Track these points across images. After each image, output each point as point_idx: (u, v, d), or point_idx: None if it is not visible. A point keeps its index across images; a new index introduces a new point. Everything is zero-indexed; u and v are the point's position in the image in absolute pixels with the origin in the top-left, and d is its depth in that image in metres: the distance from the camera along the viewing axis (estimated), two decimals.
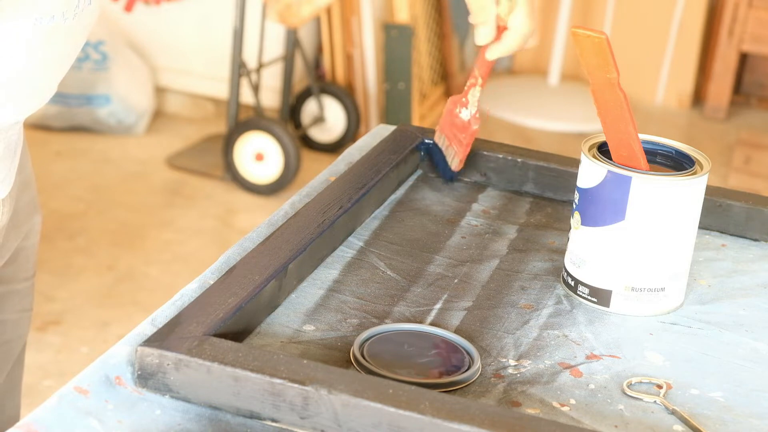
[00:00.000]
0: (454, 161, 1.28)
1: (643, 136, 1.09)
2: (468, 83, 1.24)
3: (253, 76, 3.44)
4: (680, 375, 0.98)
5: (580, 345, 1.01)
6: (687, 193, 1.05)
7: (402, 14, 3.72)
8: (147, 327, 0.95)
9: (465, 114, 1.25)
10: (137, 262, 2.97)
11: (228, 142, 3.39)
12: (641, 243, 1.05)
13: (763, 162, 3.78)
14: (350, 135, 3.66)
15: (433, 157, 1.31)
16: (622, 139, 1.05)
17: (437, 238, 1.18)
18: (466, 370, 0.94)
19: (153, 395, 0.88)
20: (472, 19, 1.19)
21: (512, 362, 0.97)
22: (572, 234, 1.09)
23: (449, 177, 1.30)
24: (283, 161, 3.35)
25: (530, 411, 0.91)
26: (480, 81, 1.23)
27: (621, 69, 1.04)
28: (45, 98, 1.09)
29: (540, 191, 1.29)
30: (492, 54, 1.20)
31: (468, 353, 0.97)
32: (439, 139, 1.29)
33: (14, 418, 1.32)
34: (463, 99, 1.25)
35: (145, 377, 0.88)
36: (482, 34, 1.18)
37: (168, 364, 0.87)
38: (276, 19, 3.34)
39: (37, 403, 0.88)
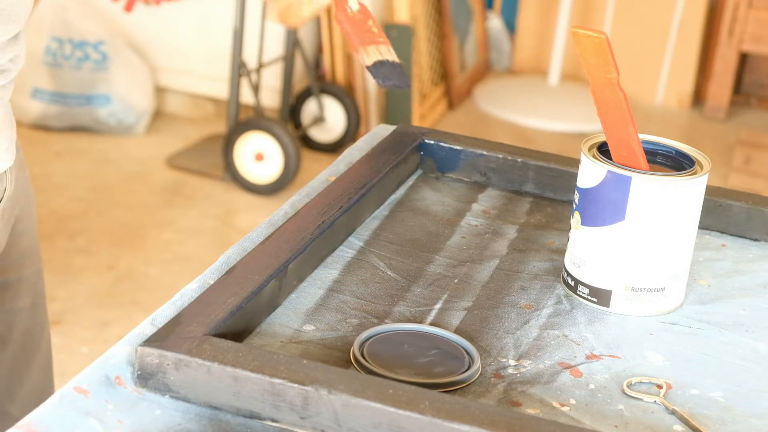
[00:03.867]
0: (392, 54, 1.21)
1: (643, 136, 1.08)
2: None
3: (253, 76, 3.44)
4: (680, 375, 0.98)
5: (580, 345, 1.01)
6: (687, 193, 1.05)
7: (402, 14, 3.72)
8: (147, 327, 0.95)
9: (354, 4, 1.21)
10: (137, 262, 2.97)
11: (228, 142, 3.40)
12: (641, 243, 1.05)
13: (763, 162, 3.78)
14: (350, 135, 3.66)
15: (384, 81, 1.21)
16: (622, 139, 1.05)
17: (437, 238, 1.18)
18: (466, 370, 0.94)
19: (153, 395, 0.88)
20: None
21: (512, 362, 0.97)
22: (572, 234, 1.09)
23: (407, 79, 1.22)
24: (283, 161, 3.35)
25: (530, 411, 0.91)
26: None
27: (621, 69, 1.04)
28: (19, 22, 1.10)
29: (540, 191, 1.29)
30: None
31: (468, 353, 0.97)
32: (369, 55, 1.21)
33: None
34: None
35: (145, 377, 0.88)
36: None
37: (168, 364, 0.87)
38: (276, 19, 3.34)
39: None
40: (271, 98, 3.71)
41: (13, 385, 1.30)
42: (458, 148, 1.30)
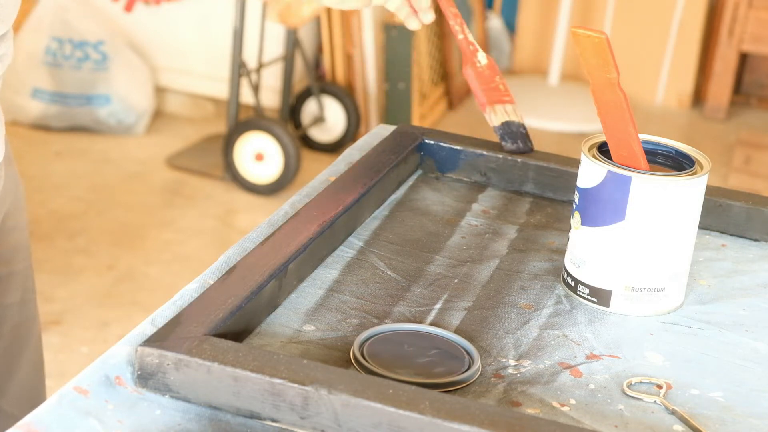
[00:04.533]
0: (518, 114, 1.25)
1: (643, 136, 1.09)
2: (456, 29, 1.23)
3: (253, 76, 3.44)
4: (680, 375, 0.98)
5: (580, 345, 1.01)
6: (687, 193, 1.05)
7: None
8: (147, 327, 0.95)
9: (482, 58, 1.24)
10: (137, 262, 2.97)
11: (228, 142, 3.40)
12: (641, 243, 1.05)
13: (763, 162, 3.78)
14: (350, 135, 3.66)
15: (511, 142, 1.27)
16: (622, 139, 1.05)
17: (437, 238, 1.18)
18: (466, 370, 0.94)
19: (153, 395, 0.88)
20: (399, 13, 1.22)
21: (512, 362, 0.97)
22: (572, 234, 1.09)
23: (528, 142, 1.26)
24: (283, 161, 3.35)
25: (530, 411, 0.91)
26: (460, 20, 1.23)
27: (621, 69, 1.04)
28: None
29: (540, 191, 1.29)
30: None
31: (468, 353, 0.97)
32: (497, 114, 1.25)
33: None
34: (471, 47, 1.24)
35: (145, 377, 0.88)
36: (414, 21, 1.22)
37: (168, 364, 0.87)
38: (276, 19, 3.34)
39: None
40: (271, 98, 3.71)
41: (3, 380, 1.30)
42: (458, 148, 1.30)
